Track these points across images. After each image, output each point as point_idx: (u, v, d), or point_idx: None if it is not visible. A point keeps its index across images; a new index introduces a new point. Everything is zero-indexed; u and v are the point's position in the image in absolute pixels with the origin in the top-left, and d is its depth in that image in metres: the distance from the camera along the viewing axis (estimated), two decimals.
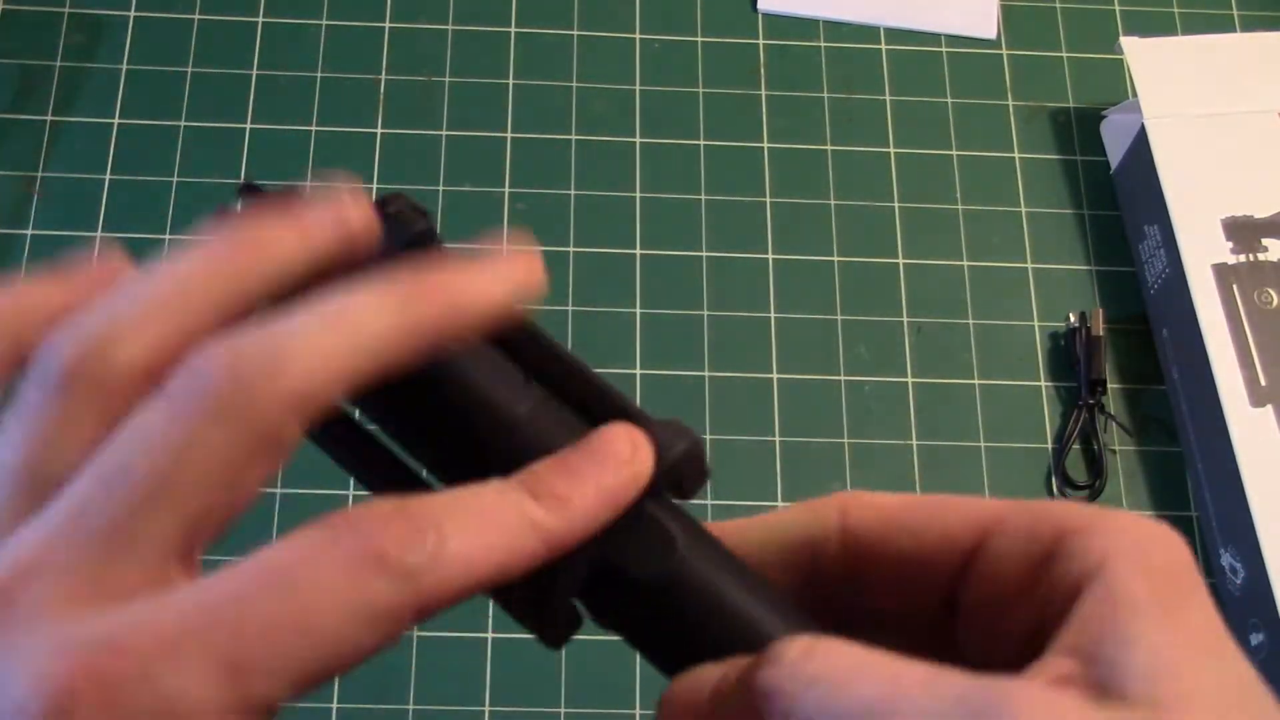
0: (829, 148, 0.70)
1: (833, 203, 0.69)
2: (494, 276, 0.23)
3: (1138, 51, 0.68)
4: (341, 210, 0.23)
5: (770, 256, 0.68)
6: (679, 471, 0.25)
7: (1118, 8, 0.75)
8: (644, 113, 0.70)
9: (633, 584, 0.24)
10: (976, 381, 0.66)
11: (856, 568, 0.24)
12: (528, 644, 0.61)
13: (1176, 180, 0.64)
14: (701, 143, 0.70)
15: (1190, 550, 0.21)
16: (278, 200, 0.24)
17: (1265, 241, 0.63)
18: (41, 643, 0.18)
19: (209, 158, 0.68)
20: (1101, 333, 0.65)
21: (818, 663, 0.20)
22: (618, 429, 0.24)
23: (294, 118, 0.69)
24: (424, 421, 0.24)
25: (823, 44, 0.73)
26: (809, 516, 0.26)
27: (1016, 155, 0.71)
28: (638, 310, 0.66)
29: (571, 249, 0.67)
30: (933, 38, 0.73)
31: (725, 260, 0.68)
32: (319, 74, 0.70)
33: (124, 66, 0.69)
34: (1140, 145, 0.66)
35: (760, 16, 0.73)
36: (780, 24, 0.73)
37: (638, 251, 0.67)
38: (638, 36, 0.72)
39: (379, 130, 0.69)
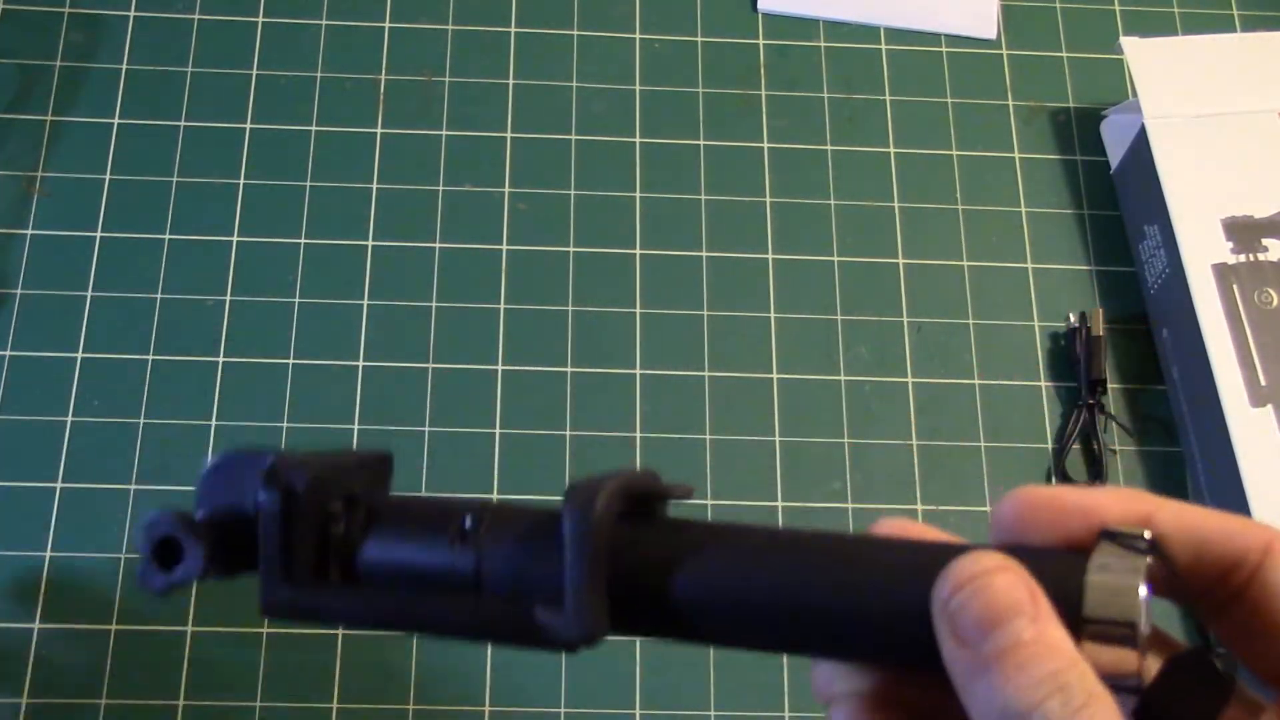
0: (829, 148, 0.70)
1: (833, 203, 0.69)
2: None
3: (1138, 51, 0.68)
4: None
5: (770, 256, 0.68)
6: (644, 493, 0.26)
7: (1118, 8, 0.75)
8: (644, 113, 0.70)
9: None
10: (976, 381, 0.66)
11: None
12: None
13: (1176, 180, 0.64)
14: (701, 143, 0.70)
15: None
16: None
17: (1265, 241, 0.63)
18: None
19: (209, 158, 0.68)
20: (1101, 333, 0.65)
21: None
22: None
23: (294, 118, 0.69)
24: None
25: (823, 44, 0.73)
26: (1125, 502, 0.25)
27: (1016, 155, 0.71)
28: (638, 310, 0.66)
29: (571, 249, 0.67)
30: (933, 38, 0.73)
31: (725, 260, 0.68)
32: (319, 74, 0.70)
33: (124, 66, 0.69)
34: (1140, 145, 0.66)
35: (760, 16, 0.73)
36: (780, 24, 0.73)
37: (638, 251, 0.67)
38: (638, 36, 0.72)
39: (379, 130, 0.69)
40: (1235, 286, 0.62)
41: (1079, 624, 0.23)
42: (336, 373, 0.64)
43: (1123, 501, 0.24)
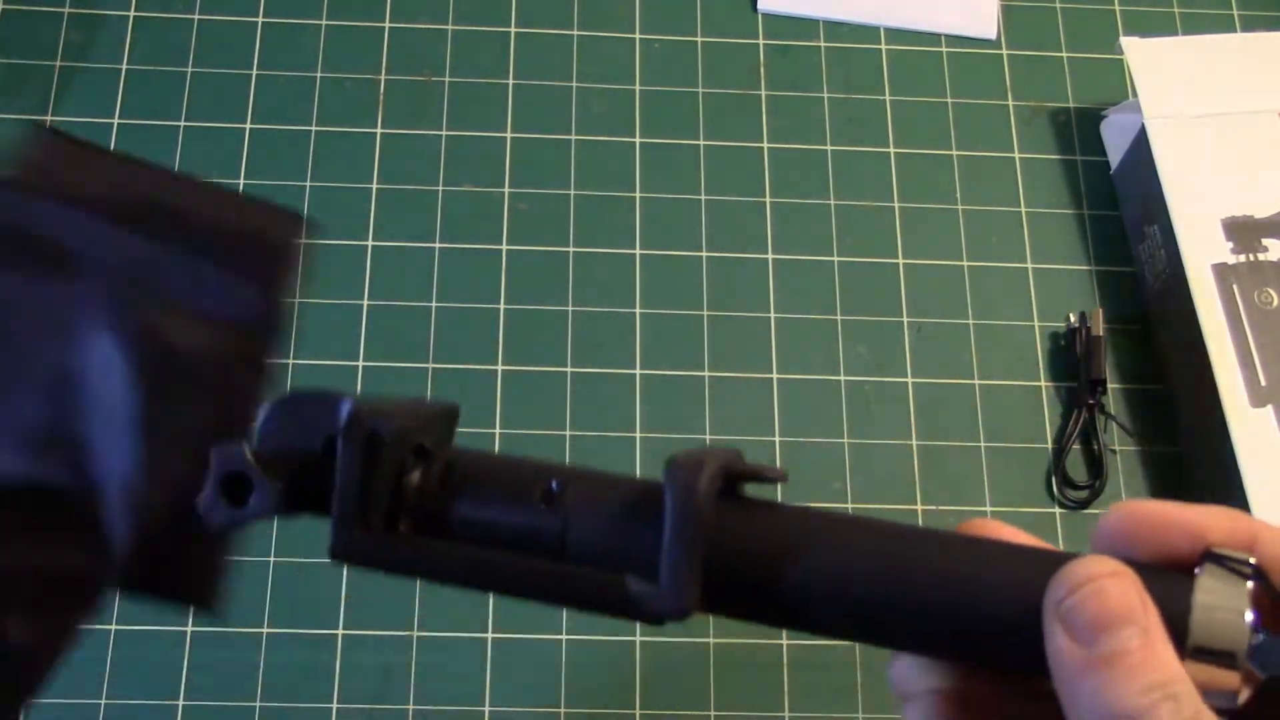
0: (829, 148, 0.70)
1: (833, 203, 0.69)
2: None
3: (1138, 51, 0.68)
4: None
5: (770, 256, 0.68)
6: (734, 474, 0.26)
7: (1118, 8, 0.75)
8: (644, 113, 0.70)
9: None
10: (976, 381, 0.66)
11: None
12: (528, 644, 0.61)
13: (1176, 180, 0.64)
14: (701, 143, 0.70)
15: None
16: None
17: (1265, 241, 0.63)
18: None
19: (209, 158, 0.68)
20: (1101, 333, 0.65)
21: None
22: None
23: (294, 118, 0.69)
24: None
25: (823, 44, 0.73)
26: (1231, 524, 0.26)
27: (1016, 155, 0.71)
28: (638, 310, 0.66)
29: (571, 249, 0.67)
30: (933, 38, 0.73)
31: (725, 260, 0.68)
32: (319, 74, 0.70)
33: (124, 66, 0.69)
34: (1140, 145, 0.66)
35: (760, 16, 0.73)
36: (780, 24, 0.73)
37: (638, 251, 0.67)
38: (638, 36, 0.72)
39: (379, 130, 0.69)
40: (1235, 286, 0.62)
41: (1183, 644, 0.23)
42: (337, 373, 0.64)
43: (1227, 522, 0.25)
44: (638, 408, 0.64)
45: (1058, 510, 0.64)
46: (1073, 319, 0.66)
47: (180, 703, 0.58)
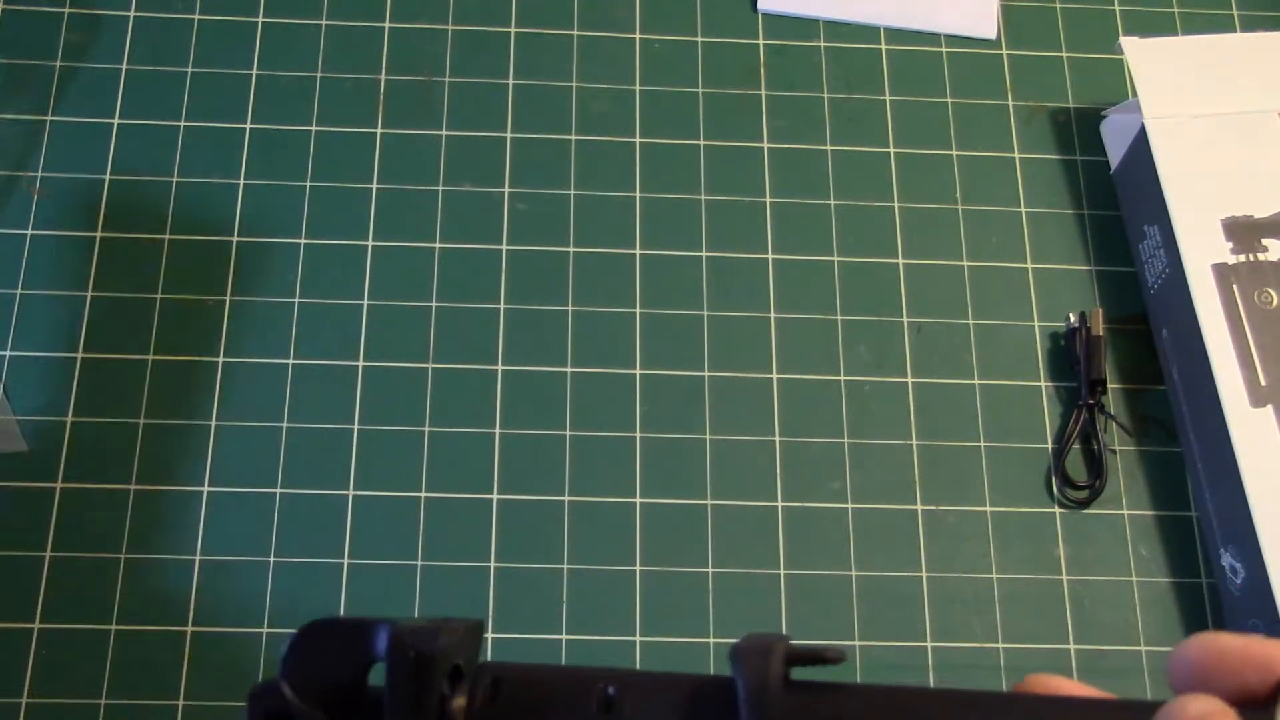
0: (829, 148, 0.70)
1: (833, 203, 0.69)
2: None
3: (1138, 51, 0.68)
4: None
5: (770, 256, 0.68)
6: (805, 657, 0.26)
7: (1118, 8, 0.75)
8: (644, 113, 0.70)
9: None
10: (976, 381, 0.66)
11: None
12: (528, 643, 0.61)
13: (1176, 180, 0.64)
14: (701, 143, 0.70)
15: None
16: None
17: (1265, 241, 0.63)
18: None
19: (209, 158, 0.68)
20: (1101, 333, 0.65)
21: None
22: None
23: (294, 118, 0.69)
24: None
25: (823, 44, 0.73)
26: None
27: (1016, 155, 0.71)
28: (638, 310, 0.66)
29: (571, 249, 0.67)
30: (933, 38, 0.73)
31: (725, 260, 0.68)
32: (319, 74, 0.70)
33: (124, 66, 0.69)
34: (1140, 145, 0.66)
35: (760, 16, 0.73)
36: (780, 24, 0.73)
37: (638, 251, 0.67)
38: (638, 36, 0.72)
39: (379, 130, 0.69)
40: (1235, 286, 0.62)
41: None
42: (337, 373, 0.64)
43: None
44: (638, 408, 0.64)
45: (1058, 510, 0.64)
46: (1073, 319, 0.66)
47: (180, 703, 0.58)
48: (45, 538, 0.60)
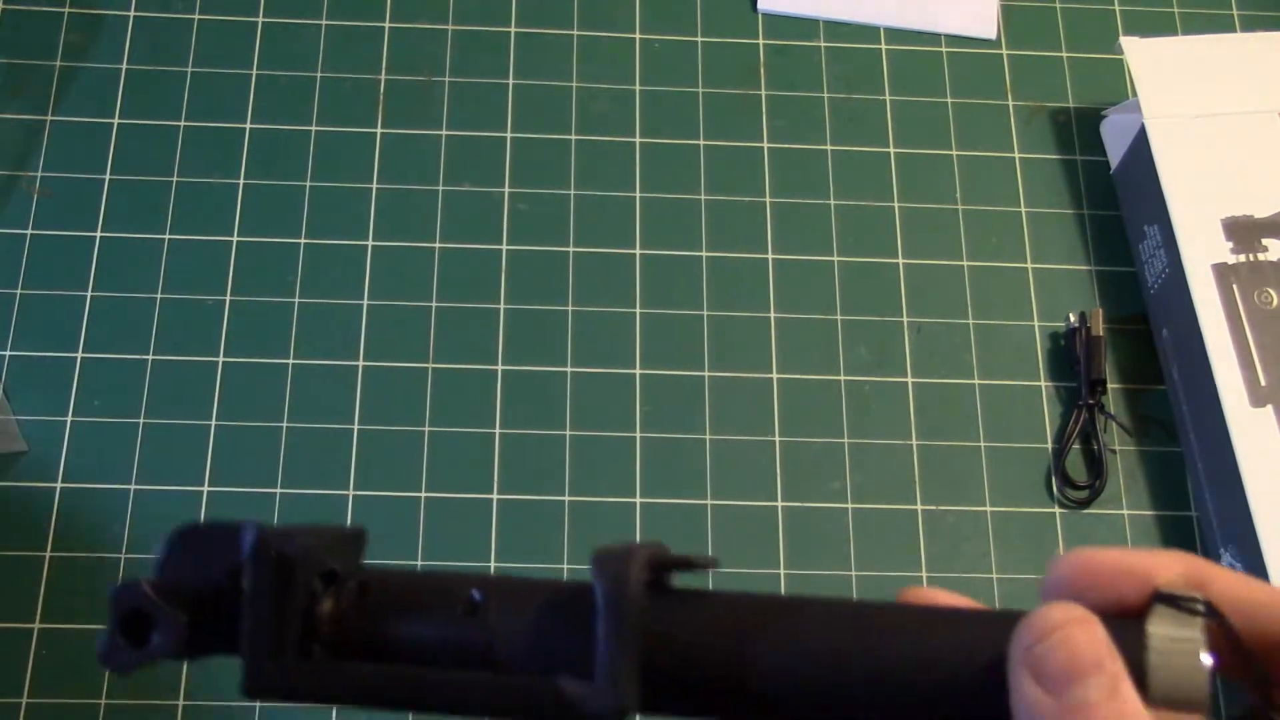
0: (829, 148, 0.70)
1: (833, 203, 0.69)
2: None
3: (1138, 51, 0.68)
4: None
5: (770, 256, 0.68)
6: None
7: (1118, 8, 0.75)
8: (644, 113, 0.70)
9: None
10: (976, 381, 0.66)
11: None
12: None
13: (1176, 180, 0.64)
14: (701, 143, 0.70)
15: None
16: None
17: (1265, 241, 0.63)
18: None
19: (209, 158, 0.68)
20: (1101, 333, 0.65)
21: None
22: None
23: (294, 118, 0.69)
24: None
25: (823, 44, 0.73)
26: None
27: (1016, 155, 0.71)
28: (638, 310, 0.66)
29: (571, 249, 0.67)
30: (933, 38, 0.73)
31: (725, 260, 0.68)
32: (319, 74, 0.70)
33: (124, 66, 0.69)
34: (1140, 145, 0.66)
35: (760, 16, 0.73)
36: (780, 24, 0.73)
37: (638, 251, 0.67)
38: (638, 36, 0.72)
39: (379, 130, 0.69)
40: (1235, 286, 0.62)
41: (1144, 689, 0.23)
42: (337, 373, 0.64)
43: (1178, 566, 0.25)
44: (638, 408, 0.64)
45: (1058, 510, 0.64)
46: (1073, 319, 0.66)
47: (180, 703, 0.58)
48: (45, 538, 0.60)
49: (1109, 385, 0.66)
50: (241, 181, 0.67)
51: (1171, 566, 0.25)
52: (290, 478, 0.62)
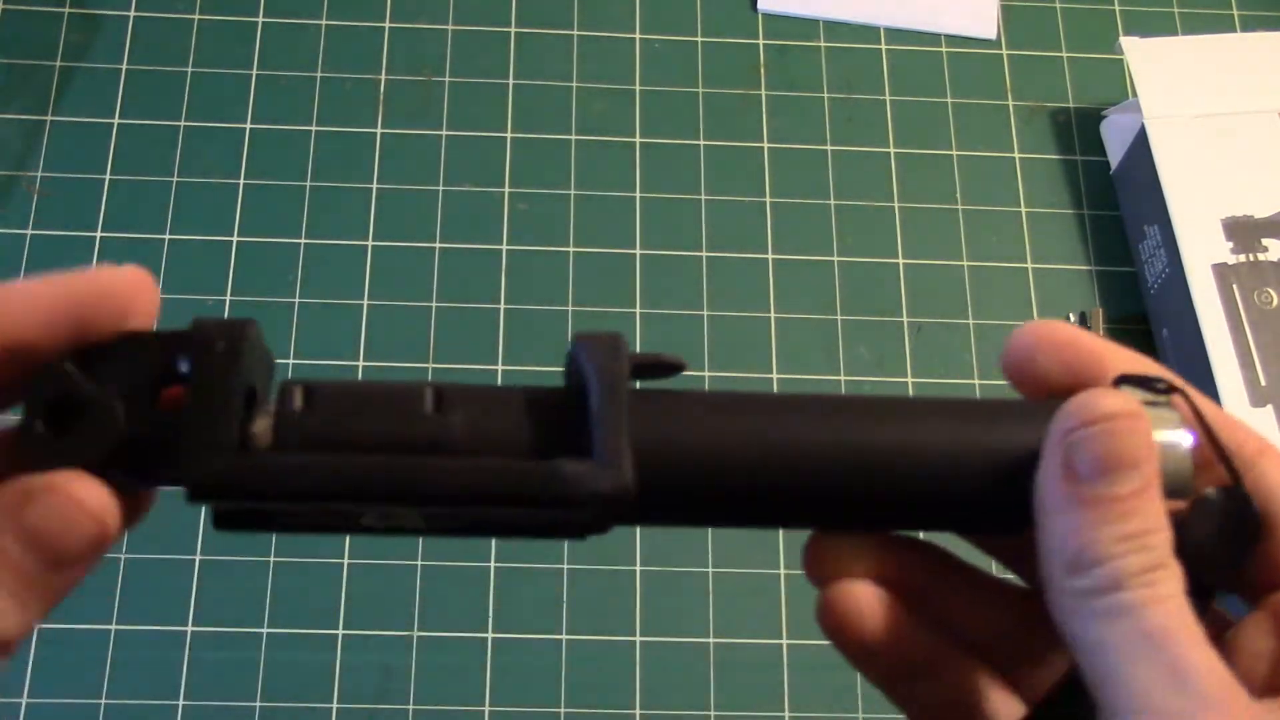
0: (829, 148, 0.70)
1: (833, 203, 0.69)
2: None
3: (1138, 51, 0.68)
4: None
5: (770, 256, 0.68)
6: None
7: (1118, 8, 0.75)
8: (644, 113, 0.70)
9: None
10: (976, 381, 0.66)
11: None
12: (528, 643, 0.61)
13: (1176, 180, 0.64)
14: (701, 143, 0.70)
15: None
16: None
17: (1265, 241, 0.63)
18: None
19: (209, 158, 0.68)
20: (1101, 333, 0.65)
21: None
22: None
23: (294, 118, 0.69)
24: None
25: (823, 44, 0.73)
26: None
27: (1016, 155, 0.71)
28: (638, 310, 0.66)
29: (571, 249, 0.67)
30: (933, 38, 0.73)
31: (725, 260, 0.68)
32: (319, 74, 0.70)
33: (124, 66, 0.69)
34: (1140, 145, 0.66)
35: (760, 16, 0.73)
36: (780, 24, 0.73)
37: (638, 251, 0.67)
38: (638, 36, 0.72)
39: (379, 130, 0.69)
40: (1235, 286, 0.62)
41: None
42: (337, 373, 0.64)
43: (1136, 359, 0.25)
44: None
45: None
46: (1073, 319, 0.66)
47: (180, 703, 0.58)
48: None
49: None
50: (241, 181, 0.67)
51: (1131, 360, 0.25)
52: None
